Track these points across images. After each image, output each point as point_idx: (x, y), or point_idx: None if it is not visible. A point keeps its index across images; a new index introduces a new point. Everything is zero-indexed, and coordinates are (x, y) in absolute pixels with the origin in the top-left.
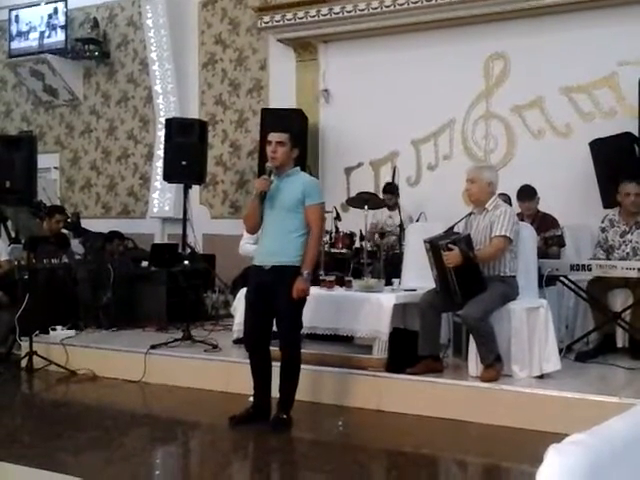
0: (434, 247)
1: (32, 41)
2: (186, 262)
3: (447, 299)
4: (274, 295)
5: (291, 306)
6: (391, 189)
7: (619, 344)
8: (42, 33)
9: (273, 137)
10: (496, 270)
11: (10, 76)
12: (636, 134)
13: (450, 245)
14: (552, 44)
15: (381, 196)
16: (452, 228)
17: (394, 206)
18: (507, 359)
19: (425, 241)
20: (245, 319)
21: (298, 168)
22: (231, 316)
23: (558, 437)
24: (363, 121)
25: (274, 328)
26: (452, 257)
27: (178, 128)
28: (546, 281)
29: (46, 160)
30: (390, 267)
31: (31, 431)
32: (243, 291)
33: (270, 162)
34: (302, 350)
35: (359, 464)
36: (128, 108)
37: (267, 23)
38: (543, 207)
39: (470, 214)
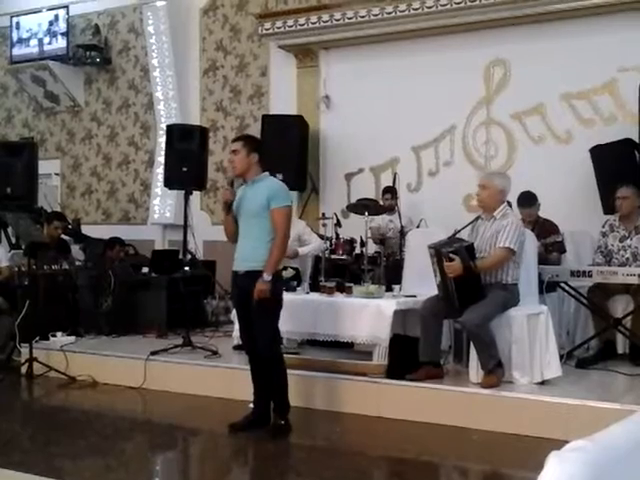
0: (438, 254)
1: (33, 47)
2: (186, 268)
3: (448, 305)
4: (248, 300)
5: (263, 310)
6: (390, 190)
7: (620, 350)
8: (42, 40)
9: (230, 147)
10: (498, 277)
11: (11, 82)
12: (636, 140)
13: (452, 255)
14: (552, 51)
15: (380, 199)
16: (457, 233)
17: (393, 209)
18: (508, 365)
19: (430, 247)
20: (239, 328)
21: (267, 173)
22: (231, 322)
23: (559, 443)
24: (364, 127)
25: None
26: (453, 268)
27: (179, 134)
28: (546, 287)
29: (47, 166)
30: (391, 273)
31: (31, 437)
32: None
33: (230, 172)
34: (303, 356)
35: (359, 470)
36: (129, 114)
37: (268, 30)
38: (543, 213)
39: (477, 218)
